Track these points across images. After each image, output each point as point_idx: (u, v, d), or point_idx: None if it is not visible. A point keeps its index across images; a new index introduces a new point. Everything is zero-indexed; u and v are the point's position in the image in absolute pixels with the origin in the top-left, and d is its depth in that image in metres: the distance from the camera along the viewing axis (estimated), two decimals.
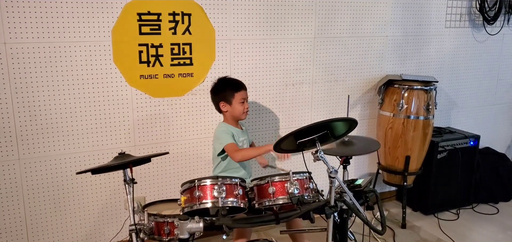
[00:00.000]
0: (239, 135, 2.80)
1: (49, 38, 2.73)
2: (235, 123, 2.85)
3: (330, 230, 2.11)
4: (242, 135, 2.86)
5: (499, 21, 4.25)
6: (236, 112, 2.77)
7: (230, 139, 2.69)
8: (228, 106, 2.77)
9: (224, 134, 2.72)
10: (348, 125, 2.19)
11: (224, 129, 2.76)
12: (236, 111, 2.77)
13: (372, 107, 3.95)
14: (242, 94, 2.77)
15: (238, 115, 2.80)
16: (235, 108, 2.76)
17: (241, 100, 2.76)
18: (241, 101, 2.76)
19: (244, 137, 2.87)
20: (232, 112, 2.78)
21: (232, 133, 2.74)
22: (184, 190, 2.14)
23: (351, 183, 2.39)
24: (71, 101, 2.87)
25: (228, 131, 2.74)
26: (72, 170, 2.95)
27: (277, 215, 2.01)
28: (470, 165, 4.06)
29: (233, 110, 2.77)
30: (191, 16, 3.06)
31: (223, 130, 2.75)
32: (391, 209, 4.09)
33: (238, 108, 2.76)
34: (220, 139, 2.72)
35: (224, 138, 2.70)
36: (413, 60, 4.02)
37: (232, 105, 2.76)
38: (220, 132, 2.75)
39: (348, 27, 3.65)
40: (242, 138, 2.84)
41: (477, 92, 4.47)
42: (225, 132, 2.73)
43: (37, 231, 2.95)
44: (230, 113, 2.79)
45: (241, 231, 2.71)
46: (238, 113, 2.78)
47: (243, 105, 2.77)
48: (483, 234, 3.66)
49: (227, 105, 2.77)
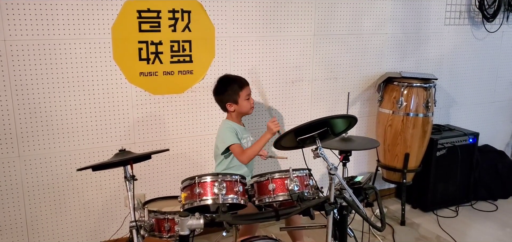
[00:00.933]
0: (242, 132, 2.81)
1: (49, 35, 2.73)
2: (239, 120, 2.85)
3: (329, 227, 2.12)
4: (245, 131, 2.87)
5: (498, 19, 4.26)
6: (244, 109, 2.78)
7: (234, 138, 2.70)
8: (235, 105, 2.77)
9: (229, 132, 2.72)
10: (347, 122, 2.20)
11: (229, 127, 2.76)
12: (243, 108, 2.78)
13: (371, 104, 3.95)
14: (247, 91, 2.77)
15: (246, 112, 2.81)
16: (242, 105, 2.76)
17: (246, 96, 2.76)
18: (246, 97, 2.76)
19: (247, 133, 2.87)
20: (240, 110, 2.78)
21: (236, 131, 2.74)
22: (184, 187, 2.14)
23: (351, 180, 2.39)
24: (71, 99, 2.87)
25: (232, 129, 2.74)
26: (72, 167, 2.96)
27: (277, 211, 2.01)
28: (469, 162, 4.07)
29: (240, 108, 2.77)
30: (191, 13, 3.06)
31: (227, 128, 2.75)
32: (391, 206, 4.10)
33: (245, 105, 2.77)
34: (224, 138, 2.72)
35: (228, 137, 2.70)
36: (412, 58, 4.03)
37: (239, 104, 2.76)
38: (225, 129, 2.76)
39: (348, 24, 3.65)
40: (245, 134, 2.85)
41: (476, 90, 4.48)
42: (229, 130, 2.73)
43: (37, 228, 2.96)
44: (238, 111, 2.79)
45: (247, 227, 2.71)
46: (245, 110, 2.80)
47: (249, 101, 2.78)
48: (482, 231, 3.67)
49: (234, 105, 2.77)
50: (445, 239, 3.50)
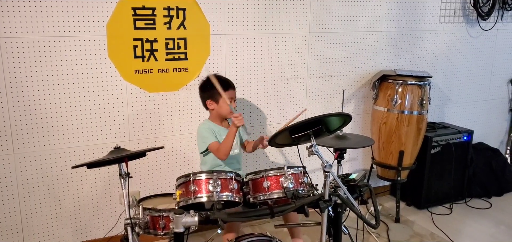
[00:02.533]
0: (222, 133, 2.76)
1: (43, 32, 2.72)
2: (220, 121, 2.83)
3: (324, 224, 2.12)
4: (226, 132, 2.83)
5: (493, 17, 4.27)
6: (223, 111, 2.75)
7: (212, 137, 2.69)
8: (214, 104, 2.76)
9: (206, 132, 2.71)
10: (342, 119, 2.21)
11: (206, 127, 2.75)
12: (222, 110, 2.75)
13: (366, 102, 3.96)
14: (230, 94, 2.73)
15: (225, 114, 2.78)
16: (222, 107, 2.74)
17: (228, 99, 2.69)
18: (228, 100, 2.72)
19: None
20: (219, 110, 2.77)
21: (214, 131, 2.72)
22: (179, 184, 2.14)
23: (346, 177, 2.40)
24: (66, 96, 2.86)
25: (209, 129, 2.73)
26: (67, 165, 2.95)
27: (272, 209, 2.02)
28: (464, 159, 4.09)
29: (220, 109, 2.75)
30: (186, 10, 3.05)
31: (204, 128, 2.74)
32: (385, 204, 4.11)
33: (225, 107, 2.73)
34: (202, 138, 2.71)
35: (205, 137, 2.70)
36: (407, 55, 4.04)
37: (219, 104, 2.74)
38: (202, 129, 2.75)
39: (343, 22, 3.66)
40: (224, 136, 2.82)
41: (471, 88, 4.50)
42: (206, 130, 2.72)
43: (32, 225, 2.95)
44: (217, 111, 2.78)
45: (230, 225, 2.70)
46: (224, 112, 2.76)
47: (231, 104, 2.72)
48: (476, 228, 3.69)
49: (214, 104, 2.76)
50: (439, 236, 3.51)
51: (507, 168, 4.45)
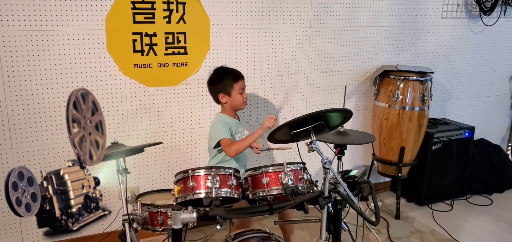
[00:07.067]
0: (236, 126, 2.79)
1: (41, 26, 2.70)
2: (234, 113, 2.83)
3: (324, 221, 2.11)
4: (240, 125, 2.85)
5: (495, 12, 4.25)
6: (236, 102, 2.75)
7: (226, 132, 2.68)
8: (227, 97, 2.75)
9: (221, 126, 2.70)
10: (343, 115, 2.19)
11: (222, 121, 2.74)
12: (235, 101, 2.75)
13: (367, 98, 3.94)
14: (241, 84, 2.74)
15: (238, 106, 2.78)
16: (235, 98, 2.74)
17: (240, 90, 2.73)
18: (240, 91, 2.73)
19: (242, 128, 2.85)
20: (232, 103, 2.76)
21: (229, 125, 2.72)
22: (177, 180, 2.13)
23: (346, 173, 2.38)
24: (64, 90, 2.84)
25: (225, 123, 2.72)
26: (65, 159, 2.94)
27: (271, 205, 2.00)
28: (465, 156, 4.07)
29: (233, 101, 2.75)
30: (186, 4, 3.03)
31: (220, 122, 2.73)
32: (385, 200, 4.10)
33: (237, 99, 2.74)
34: (216, 131, 2.70)
35: (220, 130, 2.68)
36: (409, 51, 4.01)
37: (231, 96, 2.74)
38: (217, 123, 2.73)
39: (344, 16, 3.63)
40: (240, 128, 2.83)
41: (473, 84, 4.47)
42: (222, 124, 2.71)
43: (31, 221, 2.94)
44: (230, 104, 2.77)
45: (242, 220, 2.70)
46: (237, 104, 2.76)
47: (242, 95, 2.75)
48: (477, 225, 3.67)
49: (226, 97, 2.75)
50: (439, 232, 3.50)
51: (508, 164, 4.43)
